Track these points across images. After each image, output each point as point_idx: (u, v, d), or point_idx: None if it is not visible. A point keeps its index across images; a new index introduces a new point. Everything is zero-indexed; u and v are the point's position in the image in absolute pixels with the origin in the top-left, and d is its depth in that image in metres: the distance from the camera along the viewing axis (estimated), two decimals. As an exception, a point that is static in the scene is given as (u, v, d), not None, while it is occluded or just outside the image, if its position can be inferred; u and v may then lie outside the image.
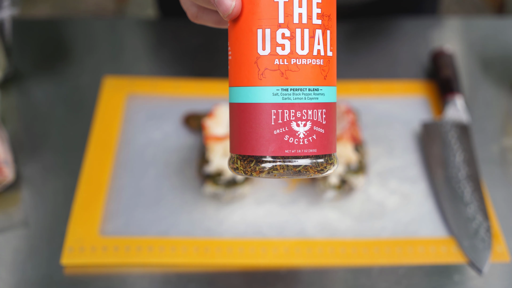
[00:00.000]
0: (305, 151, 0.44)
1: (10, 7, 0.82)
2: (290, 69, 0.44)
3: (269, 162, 0.45)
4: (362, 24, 0.95)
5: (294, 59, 0.44)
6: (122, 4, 2.18)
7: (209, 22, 0.52)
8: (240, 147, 0.46)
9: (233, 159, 0.47)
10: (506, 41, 0.94)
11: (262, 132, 0.44)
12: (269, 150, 0.44)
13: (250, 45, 0.44)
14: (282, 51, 0.44)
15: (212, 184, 0.70)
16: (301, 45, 0.44)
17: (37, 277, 0.65)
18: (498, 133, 0.81)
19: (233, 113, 0.46)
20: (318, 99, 0.45)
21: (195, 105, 0.82)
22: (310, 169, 0.45)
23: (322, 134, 0.45)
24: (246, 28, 0.45)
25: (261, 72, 0.44)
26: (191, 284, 0.65)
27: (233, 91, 0.46)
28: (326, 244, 0.68)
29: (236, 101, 0.46)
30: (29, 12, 2.04)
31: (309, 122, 0.45)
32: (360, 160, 0.71)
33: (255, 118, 0.45)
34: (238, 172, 0.46)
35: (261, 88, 0.44)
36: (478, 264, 0.66)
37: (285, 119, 0.44)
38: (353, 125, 0.73)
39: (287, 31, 0.44)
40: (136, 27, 0.99)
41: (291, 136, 0.44)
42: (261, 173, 0.45)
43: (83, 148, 0.77)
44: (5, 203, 0.72)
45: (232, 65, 0.46)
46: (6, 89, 0.85)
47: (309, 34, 0.44)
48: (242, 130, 0.45)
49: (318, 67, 0.45)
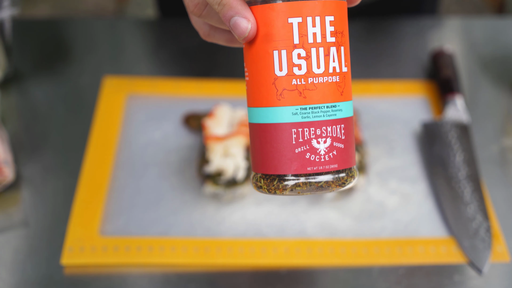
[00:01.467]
0: (326, 167, 0.45)
1: (10, 7, 0.82)
2: (308, 88, 0.45)
3: (292, 180, 0.45)
4: (363, 24, 0.95)
5: (311, 78, 0.45)
6: (122, 4, 2.18)
7: (221, 40, 0.53)
8: (263, 166, 0.46)
9: (256, 178, 0.48)
10: (506, 41, 0.94)
11: (284, 151, 0.45)
12: (291, 168, 0.45)
13: (267, 67, 0.45)
14: (299, 71, 0.44)
15: (212, 184, 0.70)
16: (317, 64, 0.45)
17: (37, 277, 0.65)
18: (498, 133, 0.82)
19: (254, 133, 0.47)
20: (336, 115, 0.46)
21: (195, 105, 0.82)
22: (332, 184, 0.46)
23: (342, 149, 0.46)
24: (262, 49, 0.45)
25: (280, 93, 0.45)
26: (191, 284, 0.65)
27: (252, 111, 0.47)
28: (326, 244, 0.68)
29: (256, 121, 0.46)
30: (29, 12, 2.04)
31: (329, 139, 0.45)
32: (360, 160, 0.71)
33: (276, 138, 0.45)
34: (262, 190, 0.47)
35: (281, 108, 0.45)
36: (478, 264, 0.66)
37: (306, 137, 0.45)
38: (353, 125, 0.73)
39: (302, 51, 0.44)
40: (136, 27, 0.99)
41: (312, 154, 0.45)
42: (284, 191, 0.45)
43: (83, 148, 0.77)
44: (5, 203, 0.72)
45: (250, 86, 0.47)
46: (6, 89, 0.85)
47: (324, 52, 0.45)
48: (264, 150, 0.46)
49: (334, 84, 0.45)
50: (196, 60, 0.90)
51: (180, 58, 0.91)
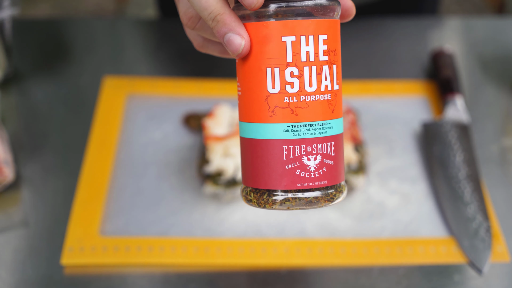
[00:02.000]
0: (316, 184, 0.46)
1: (10, 7, 0.82)
2: (300, 106, 0.45)
3: (281, 195, 0.46)
4: (362, 24, 0.95)
5: (303, 96, 0.45)
6: (122, 4, 2.18)
7: (215, 52, 0.53)
8: (253, 180, 0.47)
9: (246, 191, 0.48)
10: (506, 41, 0.94)
11: (275, 167, 0.46)
12: (282, 184, 0.46)
13: (260, 84, 0.45)
14: (292, 89, 0.45)
15: (212, 184, 0.70)
16: (309, 82, 0.45)
17: (37, 277, 0.65)
18: (498, 133, 0.82)
19: (245, 147, 0.48)
20: (327, 132, 0.46)
21: (195, 105, 0.82)
22: (321, 200, 0.46)
23: (332, 166, 0.46)
24: (255, 66, 0.45)
25: (272, 110, 0.45)
26: (191, 284, 0.65)
27: (244, 126, 0.47)
28: (326, 244, 0.68)
29: (248, 136, 0.47)
30: (29, 12, 2.04)
31: (319, 156, 0.46)
32: (360, 160, 0.71)
33: (267, 153, 0.46)
34: (251, 204, 0.47)
35: (272, 125, 0.45)
36: (478, 264, 0.66)
37: (296, 154, 0.45)
38: (353, 125, 0.73)
39: (295, 70, 0.45)
40: (136, 27, 0.99)
41: (302, 170, 0.45)
42: (274, 205, 0.46)
43: (83, 148, 0.77)
44: (5, 203, 0.72)
45: (242, 101, 0.47)
46: (6, 89, 0.85)
47: (316, 71, 0.45)
48: (254, 164, 0.47)
49: (326, 102, 0.46)
50: (196, 60, 0.90)
51: (180, 58, 0.91)
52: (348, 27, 0.95)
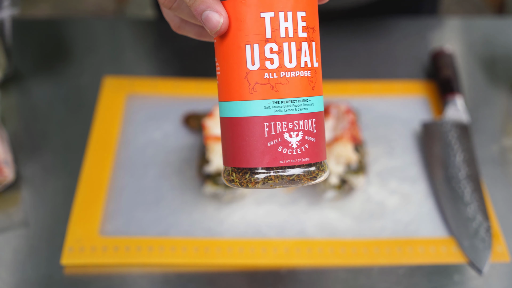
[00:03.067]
0: (298, 161, 0.46)
1: (10, 7, 0.82)
2: (280, 82, 0.45)
3: (263, 173, 0.46)
4: (362, 25, 0.95)
5: (283, 72, 0.45)
6: (122, 4, 2.18)
7: (192, 33, 0.53)
8: (235, 160, 0.47)
9: (227, 172, 0.48)
10: (506, 41, 0.94)
11: (256, 145, 0.45)
12: (264, 161, 0.45)
13: (239, 61, 0.45)
14: (271, 65, 0.45)
15: (212, 184, 0.70)
16: (289, 58, 0.45)
17: (37, 277, 0.65)
18: (498, 133, 0.82)
19: (225, 127, 0.47)
20: (308, 109, 0.46)
21: (195, 105, 0.82)
22: (304, 178, 0.46)
23: (314, 143, 0.46)
24: (234, 44, 0.45)
25: (252, 87, 0.45)
26: (191, 284, 0.65)
27: (224, 105, 0.47)
28: (326, 244, 0.68)
29: (228, 115, 0.47)
30: (29, 12, 2.04)
31: (301, 132, 0.46)
32: (360, 160, 0.71)
33: (248, 131, 0.45)
34: (233, 184, 0.47)
35: (253, 102, 0.45)
36: (478, 264, 0.66)
37: (278, 131, 0.45)
38: (353, 125, 0.73)
39: (275, 46, 0.45)
40: (136, 27, 0.99)
41: (284, 147, 0.45)
42: (257, 184, 0.46)
43: (83, 148, 0.77)
44: (5, 203, 0.72)
45: (221, 80, 0.47)
46: (6, 89, 0.85)
47: (296, 47, 0.45)
48: (235, 144, 0.46)
49: (306, 78, 0.46)
50: (196, 60, 0.90)
51: (180, 58, 0.91)
52: (348, 27, 0.95)
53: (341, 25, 0.94)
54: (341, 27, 0.94)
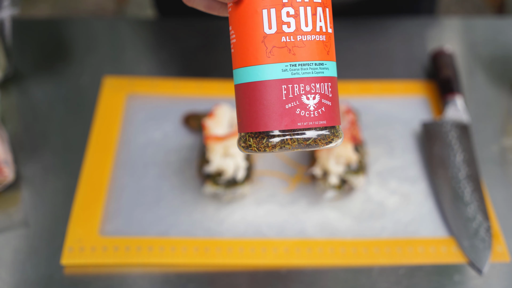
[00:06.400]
0: (316, 123, 0.46)
1: (10, 7, 0.82)
2: (297, 45, 0.46)
3: (281, 136, 0.46)
4: (363, 25, 0.95)
5: (300, 35, 0.46)
6: (122, 4, 2.18)
7: (200, 6, 0.53)
8: (252, 124, 0.47)
9: (244, 138, 0.48)
10: (506, 41, 0.94)
11: (274, 108, 0.46)
12: (282, 124, 0.46)
13: (256, 25, 0.46)
14: (288, 28, 0.46)
15: (212, 184, 0.70)
16: (305, 22, 0.46)
17: (37, 277, 0.65)
18: (498, 133, 0.82)
19: (242, 93, 0.48)
20: (324, 73, 0.47)
21: (195, 105, 0.82)
22: (319, 141, 0.47)
23: (330, 106, 0.47)
24: (251, 9, 0.46)
25: (269, 50, 0.46)
26: (191, 284, 0.65)
27: (240, 72, 0.47)
28: (326, 244, 0.68)
29: (245, 81, 0.47)
30: (29, 12, 2.04)
31: (318, 95, 0.46)
32: (360, 160, 0.71)
33: (266, 94, 0.46)
34: (250, 150, 0.47)
35: (271, 65, 0.46)
36: (478, 264, 0.66)
37: (296, 93, 0.46)
38: (353, 125, 0.73)
39: (291, 10, 0.46)
40: (136, 27, 0.99)
41: (302, 109, 0.46)
42: (274, 148, 0.46)
43: (83, 148, 0.77)
44: (5, 203, 0.72)
45: (237, 47, 0.47)
46: (6, 89, 0.85)
47: (311, 11, 0.46)
48: (253, 108, 0.47)
49: (321, 42, 0.47)
50: (196, 60, 0.90)
51: (180, 58, 0.91)
52: (349, 27, 0.95)
53: (342, 25, 0.94)
54: (342, 27, 0.94)
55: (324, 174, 0.71)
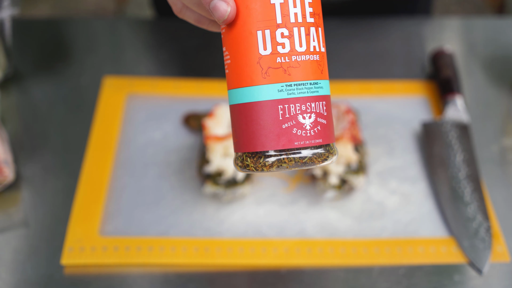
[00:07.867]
0: (312, 142, 0.47)
1: (10, 7, 0.82)
2: (292, 66, 0.46)
3: (277, 156, 0.47)
4: (363, 25, 0.95)
5: (295, 56, 0.46)
6: (122, 4, 2.18)
7: (191, 19, 0.54)
8: (249, 145, 0.47)
9: (241, 158, 0.48)
10: (506, 41, 0.94)
11: (271, 128, 0.46)
12: (279, 144, 0.46)
13: (251, 47, 0.46)
14: (283, 49, 0.46)
15: (212, 184, 0.70)
16: (299, 42, 0.46)
17: (37, 277, 0.65)
18: (498, 133, 0.82)
19: (237, 113, 0.48)
20: (319, 92, 0.47)
21: (195, 105, 0.82)
22: (315, 159, 0.47)
23: (325, 125, 0.48)
24: (245, 31, 0.46)
25: (265, 71, 0.46)
26: (191, 284, 0.65)
27: (236, 92, 0.48)
28: (326, 244, 0.68)
29: (241, 102, 0.48)
30: (29, 12, 2.04)
31: (313, 114, 0.47)
32: (360, 160, 0.71)
33: (263, 115, 0.46)
34: (248, 169, 0.48)
35: (267, 86, 0.46)
36: (478, 264, 0.66)
37: (292, 113, 0.46)
38: (353, 125, 0.73)
39: (285, 30, 0.46)
40: (136, 27, 0.99)
41: (298, 129, 0.46)
42: (271, 168, 0.47)
43: (83, 148, 0.77)
44: (5, 203, 0.72)
45: (232, 68, 0.48)
46: (6, 89, 0.85)
47: (305, 31, 0.47)
48: (249, 129, 0.47)
49: (315, 62, 0.47)
50: (196, 60, 0.90)
51: (180, 58, 0.91)
52: (349, 27, 0.95)
53: (342, 25, 0.94)
54: (341, 27, 0.94)
55: (324, 174, 0.71)
